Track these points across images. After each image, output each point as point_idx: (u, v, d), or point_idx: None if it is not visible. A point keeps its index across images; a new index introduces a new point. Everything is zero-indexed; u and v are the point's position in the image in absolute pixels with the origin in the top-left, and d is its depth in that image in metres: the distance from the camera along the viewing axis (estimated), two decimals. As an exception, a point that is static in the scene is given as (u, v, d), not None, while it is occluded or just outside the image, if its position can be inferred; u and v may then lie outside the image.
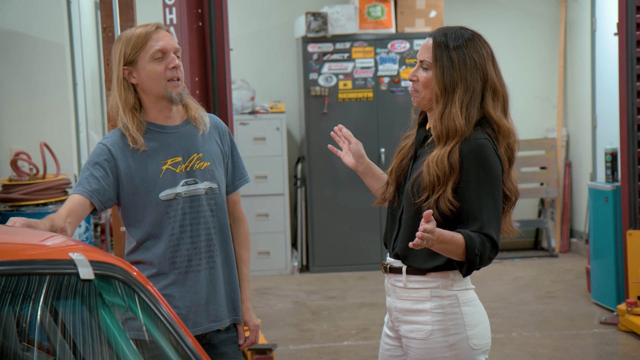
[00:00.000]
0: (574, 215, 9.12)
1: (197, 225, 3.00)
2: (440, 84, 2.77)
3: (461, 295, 2.77)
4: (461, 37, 2.80)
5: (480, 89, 2.77)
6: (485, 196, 2.68)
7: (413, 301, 2.79)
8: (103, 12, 4.49)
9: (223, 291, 3.05)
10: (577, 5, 8.94)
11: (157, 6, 5.21)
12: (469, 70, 2.76)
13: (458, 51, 2.78)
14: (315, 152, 8.33)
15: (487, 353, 2.81)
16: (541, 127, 9.29)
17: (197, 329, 3.00)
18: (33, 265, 2.09)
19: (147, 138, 2.99)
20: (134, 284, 2.17)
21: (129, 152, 2.96)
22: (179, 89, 2.98)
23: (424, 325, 2.76)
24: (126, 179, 2.96)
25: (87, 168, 2.96)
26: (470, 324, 2.76)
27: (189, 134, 3.04)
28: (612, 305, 6.41)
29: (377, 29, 8.27)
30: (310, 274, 8.32)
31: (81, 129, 7.02)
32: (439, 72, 2.78)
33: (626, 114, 6.13)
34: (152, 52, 2.95)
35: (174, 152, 3.00)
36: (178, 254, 2.98)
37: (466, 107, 2.75)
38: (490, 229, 2.67)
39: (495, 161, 2.72)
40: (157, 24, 3.02)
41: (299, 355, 5.73)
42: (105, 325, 2.13)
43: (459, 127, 2.72)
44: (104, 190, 2.93)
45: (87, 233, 6.06)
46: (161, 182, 2.97)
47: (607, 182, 6.54)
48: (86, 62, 7.51)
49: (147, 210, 2.97)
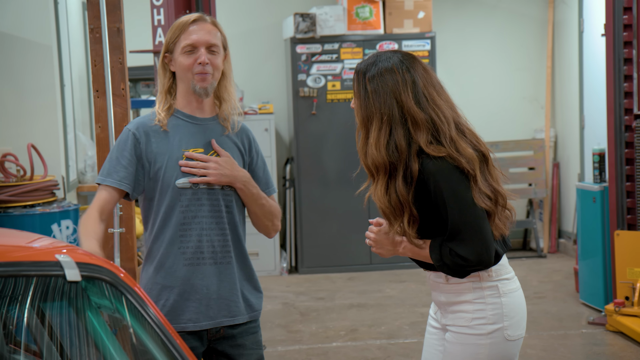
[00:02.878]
0: (562, 216, 9.14)
1: (211, 219, 3.01)
2: (359, 115, 2.81)
3: (502, 285, 2.82)
4: (382, 63, 2.78)
5: (399, 116, 2.73)
6: (458, 219, 2.69)
7: (456, 294, 2.84)
8: (90, 13, 4.48)
9: (238, 287, 3.05)
10: (564, 6, 8.96)
11: (145, 7, 5.21)
12: (382, 97, 2.75)
13: (372, 84, 2.77)
14: (304, 153, 8.32)
15: (519, 345, 2.86)
16: (529, 128, 9.31)
17: (209, 322, 3.00)
18: (19, 267, 2.08)
19: (173, 124, 3.04)
20: (121, 286, 2.16)
21: (152, 133, 3.02)
22: (204, 83, 3.01)
23: (466, 314, 2.81)
24: (146, 158, 3.00)
25: (115, 157, 3.01)
26: (509, 314, 2.81)
27: (214, 129, 3.08)
28: (600, 306, 6.43)
29: (365, 29, 8.28)
30: (299, 275, 8.31)
31: (69, 130, 7.00)
32: (358, 104, 2.82)
33: (614, 115, 6.15)
34: (183, 44, 3.01)
35: (197, 142, 3.03)
36: (189, 244, 2.99)
37: (384, 137, 2.72)
38: (459, 247, 2.70)
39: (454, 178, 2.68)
40: (197, 16, 3.06)
41: (288, 357, 5.72)
42: (92, 327, 2.12)
43: (381, 159, 2.72)
44: (132, 176, 2.99)
45: (75, 235, 6.04)
46: (180, 169, 3.00)
47: (595, 183, 6.56)
48: (74, 63, 7.49)
49: (162, 195, 3.00)
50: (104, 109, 4.46)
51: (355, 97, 2.83)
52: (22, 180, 5.86)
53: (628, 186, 6.12)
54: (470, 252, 2.70)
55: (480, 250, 2.71)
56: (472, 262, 2.71)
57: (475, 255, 2.70)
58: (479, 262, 2.72)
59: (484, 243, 2.72)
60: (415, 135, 2.72)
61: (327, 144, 8.31)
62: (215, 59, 3.03)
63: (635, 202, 6.08)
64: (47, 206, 5.84)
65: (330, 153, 8.32)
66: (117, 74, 4.47)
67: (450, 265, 2.74)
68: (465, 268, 2.74)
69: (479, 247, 2.71)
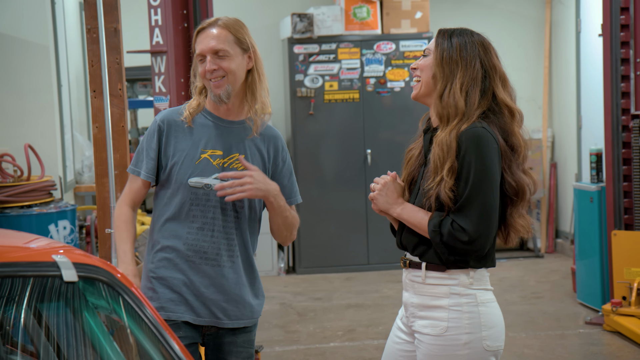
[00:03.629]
0: (560, 216, 9.15)
1: (219, 222, 3.01)
2: (440, 64, 2.79)
3: (480, 294, 2.77)
4: (467, 32, 2.84)
5: (481, 77, 2.78)
6: (474, 192, 2.68)
7: (431, 297, 2.78)
8: (87, 13, 4.48)
9: (240, 292, 3.05)
10: (562, 7, 8.97)
11: (142, 7, 5.20)
12: (469, 55, 2.79)
13: (460, 38, 2.82)
14: (301, 153, 8.32)
15: (499, 356, 2.80)
16: (527, 128, 9.30)
17: (204, 319, 3.01)
18: (16, 267, 2.08)
19: (199, 122, 3.05)
20: (118, 286, 2.16)
21: (176, 127, 3.04)
22: (218, 90, 3.00)
23: (440, 322, 2.75)
24: (165, 149, 3.03)
25: (144, 148, 3.07)
26: (487, 324, 2.75)
27: (239, 133, 3.07)
28: (598, 306, 6.43)
29: (363, 30, 8.28)
30: (296, 275, 8.31)
31: (66, 131, 7.00)
32: (439, 53, 2.81)
33: (611, 115, 6.15)
34: (196, 54, 3.05)
35: (218, 144, 3.03)
36: (196, 243, 3.00)
37: (466, 90, 2.76)
38: (462, 219, 2.67)
39: (491, 152, 2.71)
40: (206, 23, 3.09)
41: (285, 357, 5.72)
42: (89, 328, 2.12)
43: (459, 107, 2.74)
44: (156, 167, 3.06)
45: (73, 235, 6.04)
46: (195, 167, 3.00)
47: (592, 183, 6.56)
48: (71, 64, 7.49)
49: (174, 191, 3.01)
50: (101, 109, 4.46)
51: (435, 50, 2.82)
52: (19, 180, 5.86)
53: (625, 186, 6.13)
54: (472, 228, 2.65)
55: (481, 231, 2.67)
56: (470, 237, 2.66)
57: (475, 233, 2.66)
58: (474, 241, 2.67)
59: (488, 227, 2.69)
60: (500, 90, 2.79)
61: (324, 144, 8.31)
62: (225, 63, 3.00)
63: (633, 202, 6.08)
64: (44, 206, 5.84)
65: (327, 153, 8.32)
66: (114, 74, 4.47)
67: (444, 235, 2.69)
68: (457, 244, 2.68)
69: (482, 227, 2.67)
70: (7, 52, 6.38)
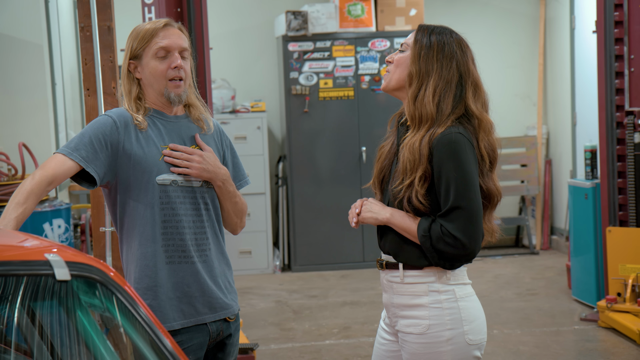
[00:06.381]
0: (555, 213, 9.16)
1: (190, 217, 2.98)
2: (416, 64, 2.78)
3: (458, 290, 2.78)
4: (447, 31, 2.82)
5: (456, 82, 2.77)
6: (459, 198, 2.67)
7: (410, 296, 2.79)
8: (81, 11, 4.47)
9: (217, 284, 3.03)
10: (556, 3, 8.98)
11: (136, 5, 5.20)
12: (447, 56, 2.77)
13: (439, 37, 2.80)
14: (296, 151, 8.32)
15: (482, 349, 2.81)
16: (521, 125, 9.33)
17: (194, 319, 2.98)
18: (8, 266, 2.07)
19: (150, 122, 2.99)
20: (111, 285, 2.15)
21: (132, 128, 2.95)
22: (179, 90, 2.98)
23: (421, 320, 2.76)
24: (126, 154, 2.92)
25: (87, 136, 2.90)
26: (467, 319, 2.76)
27: (189, 126, 3.05)
28: (592, 302, 6.44)
29: (357, 27, 8.27)
30: (292, 273, 8.31)
31: (60, 129, 6.99)
32: (417, 50, 2.80)
33: (605, 112, 6.16)
34: (156, 49, 2.96)
35: (175, 139, 3.00)
36: (170, 242, 2.95)
37: (439, 95, 2.75)
38: (450, 226, 2.67)
39: (469, 157, 2.70)
40: (166, 21, 3.02)
41: (281, 355, 5.72)
42: (82, 327, 2.11)
43: (430, 113, 2.74)
44: (101, 162, 2.89)
45: (67, 234, 6.03)
46: (159, 165, 2.95)
47: (587, 180, 6.57)
48: (65, 62, 7.47)
49: (142, 192, 2.94)
50: (95, 107, 4.44)
51: (412, 47, 2.81)
52: (14, 179, 5.85)
53: (620, 182, 6.13)
54: (461, 234, 2.66)
55: (470, 236, 2.67)
56: (461, 243, 2.66)
57: (464, 239, 2.66)
58: (465, 246, 2.67)
59: (476, 231, 2.69)
60: (470, 100, 2.76)
61: (319, 141, 8.31)
62: (186, 65, 3.00)
63: (627, 198, 6.09)
64: (39, 205, 5.83)
65: (322, 151, 8.32)
66: (107, 72, 4.46)
67: (434, 239, 2.69)
68: (448, 249, 2.68)
69: (470, 232, 2.67)
70: (1, 51, 6.37)
